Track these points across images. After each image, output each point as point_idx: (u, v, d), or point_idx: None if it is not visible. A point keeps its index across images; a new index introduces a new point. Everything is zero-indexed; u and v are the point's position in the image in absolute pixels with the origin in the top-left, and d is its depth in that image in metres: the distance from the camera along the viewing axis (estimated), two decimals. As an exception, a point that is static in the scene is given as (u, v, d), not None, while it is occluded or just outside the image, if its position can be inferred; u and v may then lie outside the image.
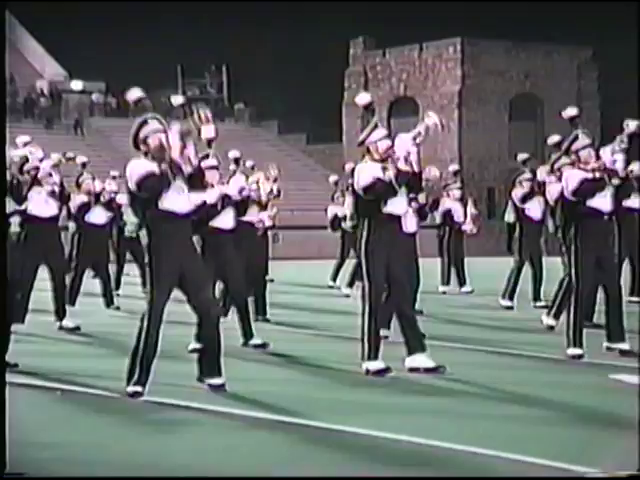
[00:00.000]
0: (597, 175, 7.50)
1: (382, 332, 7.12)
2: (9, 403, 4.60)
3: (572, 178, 7.61)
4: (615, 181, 7.61)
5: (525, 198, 11.48)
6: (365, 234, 6.85)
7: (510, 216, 11.94)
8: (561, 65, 38.56)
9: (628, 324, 8.04)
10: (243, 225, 8.92)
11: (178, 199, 6.02)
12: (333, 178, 16.44)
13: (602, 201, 7.56)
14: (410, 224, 8.69)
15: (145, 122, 6.07)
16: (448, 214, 14.46)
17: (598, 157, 7.64)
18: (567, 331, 7.61)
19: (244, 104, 41.89)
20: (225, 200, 8.14)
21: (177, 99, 6.75)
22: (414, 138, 6.90)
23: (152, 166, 5.99)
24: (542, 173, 11.12)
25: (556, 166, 9.60)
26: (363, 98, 7.04)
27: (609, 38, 36.42)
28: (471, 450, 4.73)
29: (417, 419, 5.54)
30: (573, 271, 7.59)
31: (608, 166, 7.54)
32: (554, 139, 10.01)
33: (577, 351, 7.53)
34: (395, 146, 6.89)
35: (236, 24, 40.82)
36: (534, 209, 11.53)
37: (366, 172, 6.87)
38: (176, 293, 6.17)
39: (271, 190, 9.89)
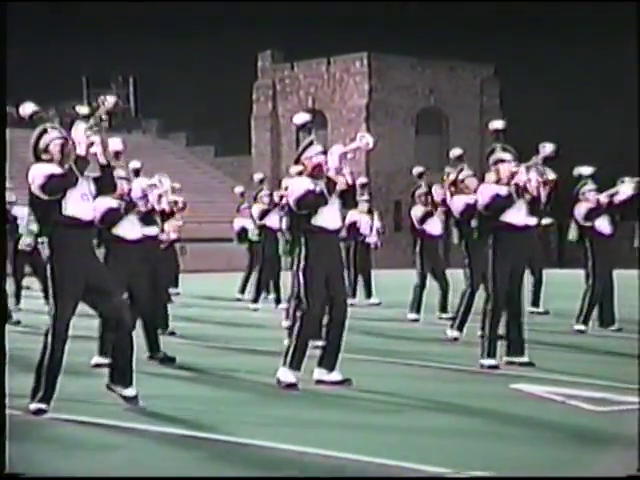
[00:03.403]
0: (508, 190, 7.65)
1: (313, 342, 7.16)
2: None
3: (484, 193, 7.76)
4: (527, 197, 7.77)
5: (424, 218, 11.65)
6: (304, 250, 6.86)
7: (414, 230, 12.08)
8: (464, 81, 39.39)
9: (530, 335, 8.25)
10: (148, 237, 8.81)
11: (82, 205, 5.93)
12: (239, 189, 16.32)
13: (515, 215, 7.72)
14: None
15: (45, 131, 6.01)
16: (353, 226, 14.60)
17: (513, 174, 7.79)
18: (482, 342, 7.74)
19: (152, 116, 41.50)
20: (129, 206, 8.00)
21: (82, 109, 6.66)
22: (345, 154, 6.95)
23: (55, 168, 5.89)
24: (437, 191, 11.38)
25: (460, 178, 9.80)
26: (300, 118, 7.09)
27: (510, 55, 37.42)
28: (379, 462, 4.78)
29: (324, 431, 5.57)
30: (490, 283, 7.72)
31: (521, 184, 7.69)
32: (456, 152, 10.22)
33: (493, 362, 7.67)
34: (327, 158, 6.93)
35: (143, 35, 40.44)
36: (434, 225, 11.73)
37: (298, 185, 6.91)
38: (81, 306, 6.07)
39: (175, 202, 9.78)
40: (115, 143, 7.38)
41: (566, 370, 7.60)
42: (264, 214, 13.57)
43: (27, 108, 6.02)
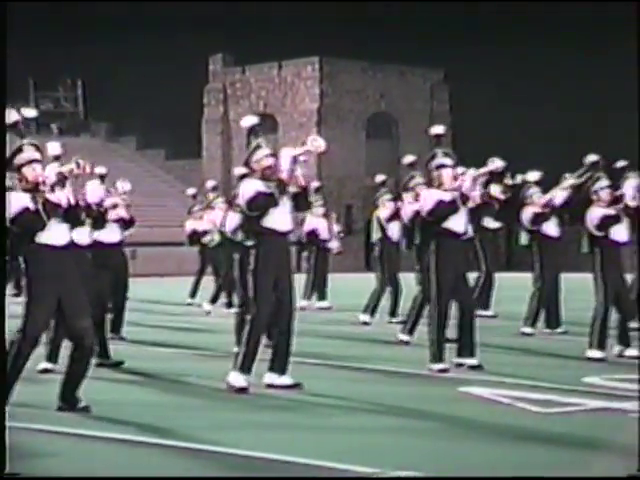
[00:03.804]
0: (452, 197, 7.71)
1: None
2: None
3: (428, 199, 7.83)
4: (470, 204, 7.87)
5: (390, 219, 11.72)
6: (254, 252, 6.85)
7: (376, 235, 12.14)
8: (414, 86, 39.69)
9: (478, 338, 8.35)
10: (104, 244, 8.75)
11: (55, 232, 5.96)
12: (191, 191, 16.26)
13: (457, 222, 7.80)
14: None
15: (20, 149, 5.99)
16: (313, 233, 14.63)
17: (457, 177, 7.87)
18: (430, 347, 7.80)
19: (101, 119, 41.15)
20: (86, 211, 7.93)
21: (29, 112, 6.61)
22: (296, 157, 6.95)
23: (26, 201, 5.90)
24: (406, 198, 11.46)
25: (410, 185, 9.91)
26: (248, 121, 7.11)
27: (460, 60, 37.79)
28: (328, 465, 4.80)
29: (274, 435, 5.59)
30: (433, 288, 7.78)
31: (464, 191, 7.77)
32: (408, 159, 10.32)
33: (442, 366, 7.73)
34: (279, 159, 6.94)
35: (92, 37, 40.10)
36: (395, 229, 11.80)
37: (248, 187, 6.92)
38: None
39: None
40: (53, 148, 7.33)
41: (514, 373, 7.71)
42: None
43: (11, 116, 5.99)
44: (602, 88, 37.83)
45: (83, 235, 7.95)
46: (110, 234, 9.01)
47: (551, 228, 10.65)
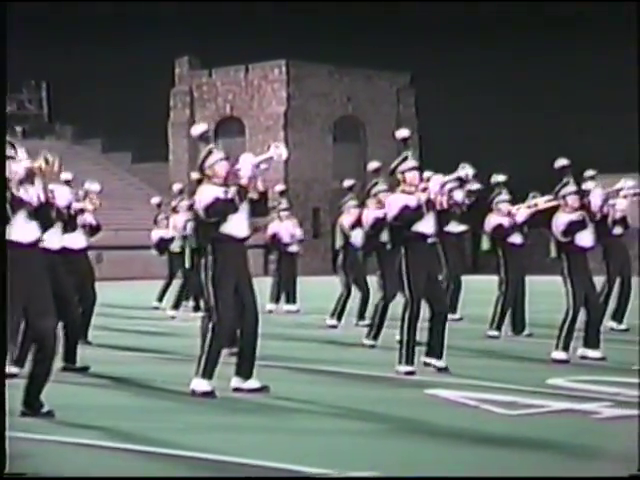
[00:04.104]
0: (418, 202, 7.76)
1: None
2: None
3: (394, 204, 7.86)
4: (437, 207, 7.93)
5: (354, 226, 11.76)
6: (211, 258, 6.81)
7: (339, 242, 12.16)
8: (381, 89, 39.83)
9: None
10: (72, 250, 8.68)
11: (20, 229, 5.90)
12: (156, 200, 16.19)
13: (426, 225, 7.84)
14: None
15: None
16: (275, 237, 14.64)
17: (425, 180, 7.94)
18: (400, 348, 7.82)
19: (66, 121, 40.85)
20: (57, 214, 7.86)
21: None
22: (258, 163, 6.93)
23: None
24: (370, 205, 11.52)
25: (373, 192, 9.97)
26: (197, 129, 7.10)
27: (426, 64, 37.99)
28: (296, 468, 4.81)
29: (242, 438, 5.59)
30: (406, 291, 7.81)
31: (432, 196, 7.81)
32: (373, 165, 10.36)
33: (408, 368, 7.76)
34: (238, 164, 6.91)
35: (58, 39, 39.80)
36: (359, 236, 11.84)
37: (206, 193, 6.88)
38: None
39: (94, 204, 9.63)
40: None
41: (480, 375, 7.76)
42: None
43: None
44: (571, 91, 38.21)
45: (54, 239, 7.89)
46: (76, 240, 8.96)
47: (514, 236, 10.73)
